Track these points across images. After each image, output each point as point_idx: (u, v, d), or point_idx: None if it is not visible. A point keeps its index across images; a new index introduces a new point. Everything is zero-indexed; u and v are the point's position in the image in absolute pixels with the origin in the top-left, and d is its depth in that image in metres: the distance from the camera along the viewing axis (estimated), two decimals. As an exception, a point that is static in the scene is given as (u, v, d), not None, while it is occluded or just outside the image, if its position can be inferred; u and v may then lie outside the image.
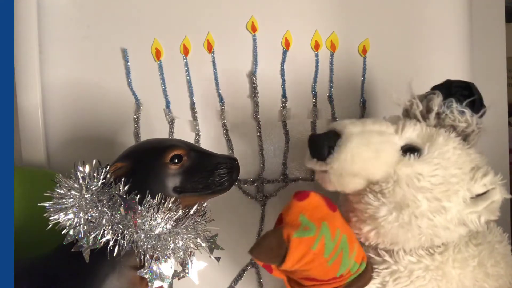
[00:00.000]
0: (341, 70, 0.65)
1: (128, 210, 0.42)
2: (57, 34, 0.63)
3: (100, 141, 0.64)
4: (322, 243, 0.41)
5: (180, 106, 0.64)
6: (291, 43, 0.64)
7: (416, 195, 0.43)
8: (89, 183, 0.44)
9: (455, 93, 0.47)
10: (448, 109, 0.46)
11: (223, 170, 0.47)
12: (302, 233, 0.41)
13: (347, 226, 0.46)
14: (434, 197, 0.43)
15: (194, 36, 0.63)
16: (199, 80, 0.64)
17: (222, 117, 0.64)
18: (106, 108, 0.64)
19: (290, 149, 0.65)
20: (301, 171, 0.66)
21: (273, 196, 0.65)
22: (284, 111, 0.64)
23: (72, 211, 0.43)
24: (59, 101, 0.64)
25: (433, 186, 0.43)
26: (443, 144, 0.45)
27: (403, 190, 0.43)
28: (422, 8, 0.65)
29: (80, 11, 0.63)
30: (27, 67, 0.61)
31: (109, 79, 0.64)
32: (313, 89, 0.65)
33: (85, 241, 0.42)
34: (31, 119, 0.62)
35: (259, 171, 0.65)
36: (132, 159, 0.46)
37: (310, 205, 0.43)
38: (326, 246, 0.41)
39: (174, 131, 0.64)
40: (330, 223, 0.42)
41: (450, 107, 0.46)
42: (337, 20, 0.64)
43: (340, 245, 0.42)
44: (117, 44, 0.63)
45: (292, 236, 0.40)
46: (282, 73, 0.64)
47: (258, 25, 0.63)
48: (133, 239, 0.43)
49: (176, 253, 0.45)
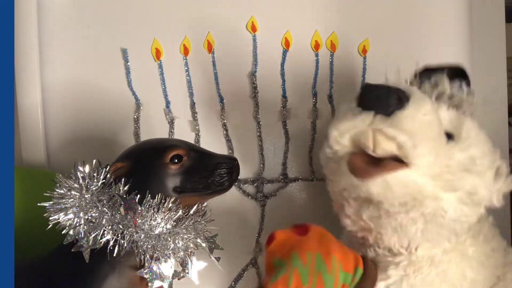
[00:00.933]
0: (341, 70, 0.65)
1: (128, 210, 0.42)
2: (57, 34, 0.63)
3: (100, 141, 0.64)
4: (296, 274, 0.39)
5: (180, 106, 0.64)
6: (291, 43, 0.64)
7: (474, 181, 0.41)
8: (89, 183, 0.44)
9: (455, 76, 0.47)
10: (459, 91, 0.46)
11: (223, 170, 0.47)
12: (275, 276, 0.40)
13: (324, 240, 0.43)
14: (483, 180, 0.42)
15: (194, 36, 0.63)
16: (199, 80, 0.64)
17: (222, 117, 0.64)
18: (106, 108, 0.64)
19: (290, 149, 0.65)
20: (301, 171, 0.66)
21: (273, 196, 0.65)
22: (284, 111, 0.64)
23: (72, 211, 0.43)
24: (59, 101, 0.64)
25: (484, 168, 0.42)
26: (473, 125, 0.44)
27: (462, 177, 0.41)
28: (422, 8, 0.65)
29: (80, 11, 0.63)
30: (27, 67, 0.61)
31: (109, 79, 0.64)
32: (313, 89, 0.65)
33: (85, 241, 0.42)
34: (31, 119, 0.62)
35: (259, 171, 0.65)
36: (132, 159, 0.46)
37: (278, 244, 0.42)
38: (301, 276, 0.40)
39: (174, 131, 0.64)
40: (300, 250, 0.41)
41: (460, 89, 0.46)
42: (337, 20, 0.64)
43: (316, 267, 0.40)
44: (117, 44, 0.63)
45: (268, 285, 0.40)
46: (282, 73, 0.64)
47: (258, 25, 0.63)
48: (133, 239, 0.43)
49: (176, 253, 0.45)
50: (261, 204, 0.65)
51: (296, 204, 0.66)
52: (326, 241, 0.43)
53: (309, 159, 0.65)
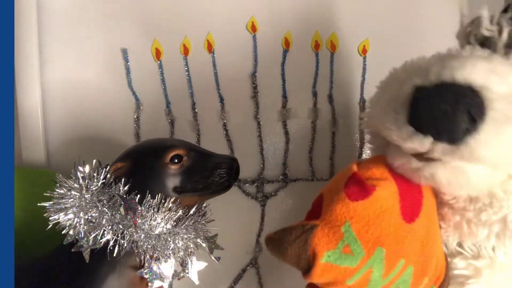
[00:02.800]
0: (341, 70, 0.65)
1: (128, 210, 0.42)
2: (57, 34, 0.63)
3: (100, 141, 0.64)
4: (365, 278, 0.27)
5: (180, 106, 0.64)
6: (291, 43, 0.64)
7: None
8: (89, 183, 0.44)
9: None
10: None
11: (223, 170, 0.47)
12: (338, 258, 0.27)
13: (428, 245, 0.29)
14: None
15: (194, 36, 0.63)
16: (199, 80, 0.64)
17: (222, 117, 0.64)
18: (106, 108, 0.64)
19: (290, 149, 0.65)
20: (301, 171, 0.66)
21: (273, 196, 0.65)
22: (284, 111, 0.64)
23: (72, 211, 0.43)
24: (59, 101, 0.64)
25: None
26: None
27: None
28: (422, 8, 0.65)
29: (80, 11, 0.63)
30: (27, 67, 0.61)
31: (109, 79, 0.64)
32: (313, 89, 0.65)
33: (85, 241, 0.42)
34: (31, 119, 0.62)
35: (259, 171, 0.65)
36: (132, 159, 0.46)
37: (368, 210, 0.28)
38: (370, 284, 0.28)
39: (174, 131, 0.64)
40: (392, 250, 0.27)
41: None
42: (337, 20, 0.64)
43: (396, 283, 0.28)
44: (117, 44, 0.63)
45: (320, 260, 0.28)
46: (282, 73, 0.64)
47: (258, 25, 0.63)
48: (133, 239, 0.43)
49: (176, 253, 0.45)
50: (261, 204, 0.65)
51: (296, 204, 0.66)
52: (429, 247, 0.30)
53: (309, 159, 0.65)
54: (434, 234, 0.30)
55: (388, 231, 0.27)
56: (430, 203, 0.30)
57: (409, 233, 0.28)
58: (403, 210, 0.28)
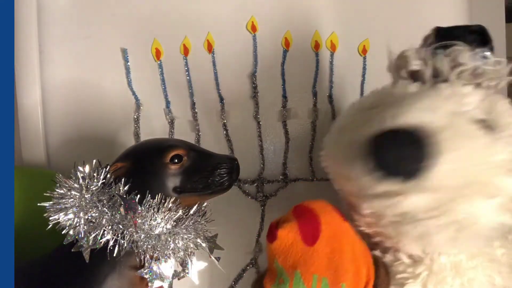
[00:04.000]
0: (341, 70, 0.65)
1: (128, 210, 0.42)
2: (57, 34, 0.63)
3: (100, 141, 0.64)
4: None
5: (180, 106, 0.64)
6: (291, 43, 0.64)
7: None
8: (89, 183, 0.44)
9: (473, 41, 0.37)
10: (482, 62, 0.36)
11: (223, 170, 0.47)
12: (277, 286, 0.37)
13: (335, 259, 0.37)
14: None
15: (194, 36, 0.63)
16: (199, 80, 0.64)
17: (222, 117, 0.64)
18: (106, 108, 0.64)
19: (290, 149, 0.65)
20: (301, 171, 0.66)
21: (273, 196, 0.65)
22: (284, 111, 0.64)
23: (72, 211, 0.43)
24: (59, 101, 0.64)
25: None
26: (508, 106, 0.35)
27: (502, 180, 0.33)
28: (422, 8, 0.65)
29: (80, 11, 0.63)
30: (27, 67, 0.61)
31: (109, 79, 0.64)
32: (313, 89, 0.65)
33: (85, 241, 0.42)
34: (31, 119, 0.62)
35: (259, 171, 0.65)
36: (132, 159, 0.46)
37: (281, 246, 0.38)
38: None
39: (174, 131, 0.64)
40: (304, 269, 0.36)
41: (485, 59, 0.36)
42: (337, 20, 0.64)
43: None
44: (117, 44, 0.63)
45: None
46: (282, 73, 0.64)
47: (258, 25, 0.63)
48: (133, 239, 0.42)
49: (176, 253, 0.45)
50: (261, 204, 0.65)
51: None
52: (337, 259, 0.37)
53: (309, 159, 0.65)
54: (340, 249, 0.37)
55: (297, 256, 0.37)
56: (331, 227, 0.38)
57: (314, 252, 0.37)
58: (304, 237, 0.37)
